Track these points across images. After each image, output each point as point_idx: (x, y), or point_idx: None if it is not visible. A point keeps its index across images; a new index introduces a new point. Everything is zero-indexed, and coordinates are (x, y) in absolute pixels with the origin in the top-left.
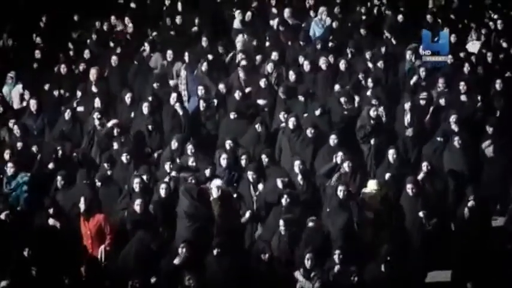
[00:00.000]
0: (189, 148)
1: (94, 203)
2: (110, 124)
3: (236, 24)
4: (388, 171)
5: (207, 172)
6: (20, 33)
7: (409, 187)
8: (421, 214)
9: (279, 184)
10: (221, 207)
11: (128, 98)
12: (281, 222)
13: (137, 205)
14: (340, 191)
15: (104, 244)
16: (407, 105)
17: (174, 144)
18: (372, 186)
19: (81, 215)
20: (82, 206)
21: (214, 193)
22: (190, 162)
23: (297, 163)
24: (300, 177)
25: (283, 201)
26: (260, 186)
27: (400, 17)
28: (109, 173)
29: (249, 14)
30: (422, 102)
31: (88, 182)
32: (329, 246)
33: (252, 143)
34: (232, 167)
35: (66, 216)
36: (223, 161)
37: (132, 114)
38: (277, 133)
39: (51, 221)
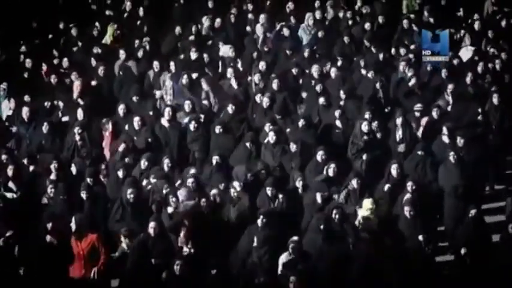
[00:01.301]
0: (166, 162)
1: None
2: (120, 149)
3: (205, 31)
4: (388, 183)
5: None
6: (6, 41)
7: (406, 209)
8: (420, 238)
9: (318, 199)
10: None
11: (121, 109)
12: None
13: (151, 228)
14: (336, 214)
15: (97, 265)
16: (398, 121)
17: (144, 164)
18: (367, 205)
19: (73, 235)
20: (73, 225)
21: (237, 186)
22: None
23: (298, 178)
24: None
25: (259, 221)
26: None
27: (368, 25)
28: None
29: (218, 20)
30: (417, 114)
31: (65, 198)
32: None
33: (242, 161)
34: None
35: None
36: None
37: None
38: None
39: (48, 238)
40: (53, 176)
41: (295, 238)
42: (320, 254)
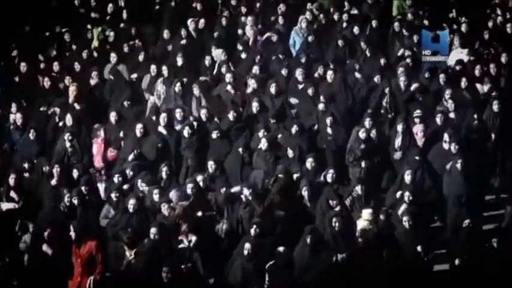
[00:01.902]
0: (164, 170)
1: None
2: (130, 158)
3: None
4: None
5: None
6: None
7: (405, 219)
8: (419, 248)
9: (334, 208)
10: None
11: (112, 116)
12: (247, 245)
13: (152, 234)
14: (335, 223)
15: (93, 274)
16: (399, 127)
17: (130, 173)
18: (365, 216)
19: (73, 242)
20: (72, 233)
21: (248, 194)
22: (199, 179)
23: (304, 188)
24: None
25: (253, 231)
26: None
27: (356, 29)
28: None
29: (202, 21)
30: (416, 120)
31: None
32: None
33: (235, 167)
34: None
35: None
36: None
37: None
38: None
39: (44, 247)
40: (54, 181)
41: (281, 248)
42: (306, 267)
